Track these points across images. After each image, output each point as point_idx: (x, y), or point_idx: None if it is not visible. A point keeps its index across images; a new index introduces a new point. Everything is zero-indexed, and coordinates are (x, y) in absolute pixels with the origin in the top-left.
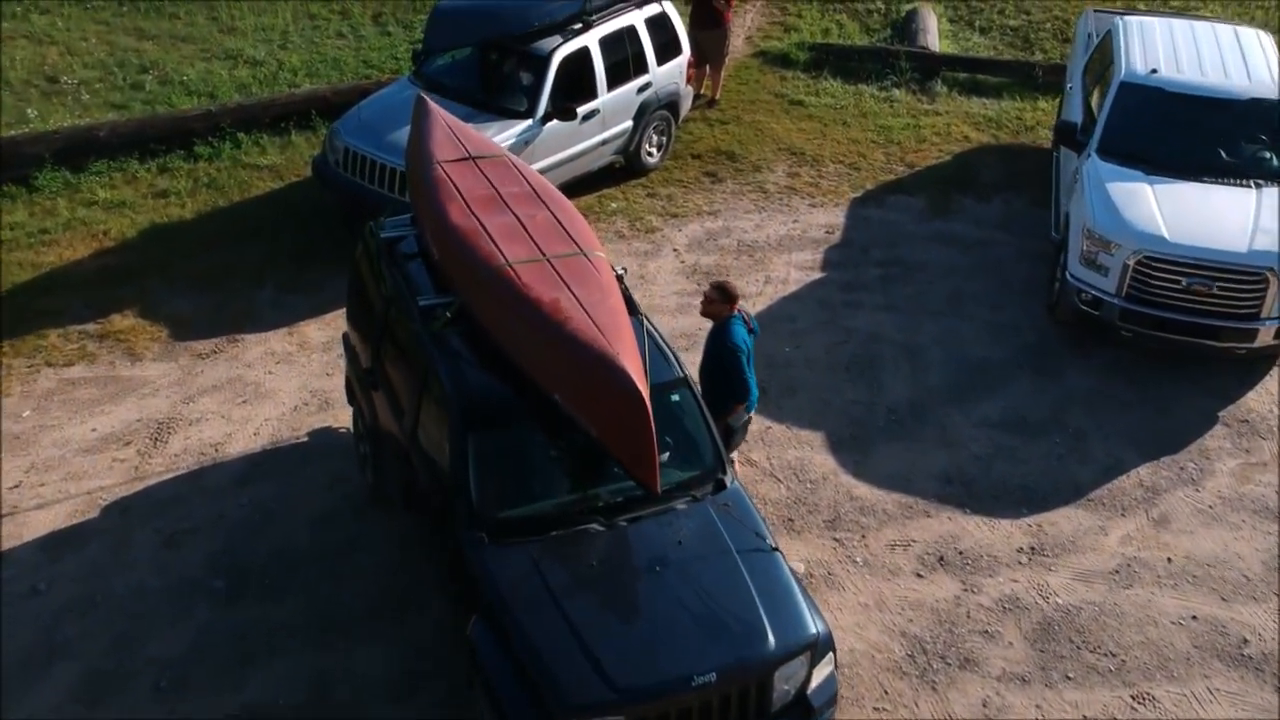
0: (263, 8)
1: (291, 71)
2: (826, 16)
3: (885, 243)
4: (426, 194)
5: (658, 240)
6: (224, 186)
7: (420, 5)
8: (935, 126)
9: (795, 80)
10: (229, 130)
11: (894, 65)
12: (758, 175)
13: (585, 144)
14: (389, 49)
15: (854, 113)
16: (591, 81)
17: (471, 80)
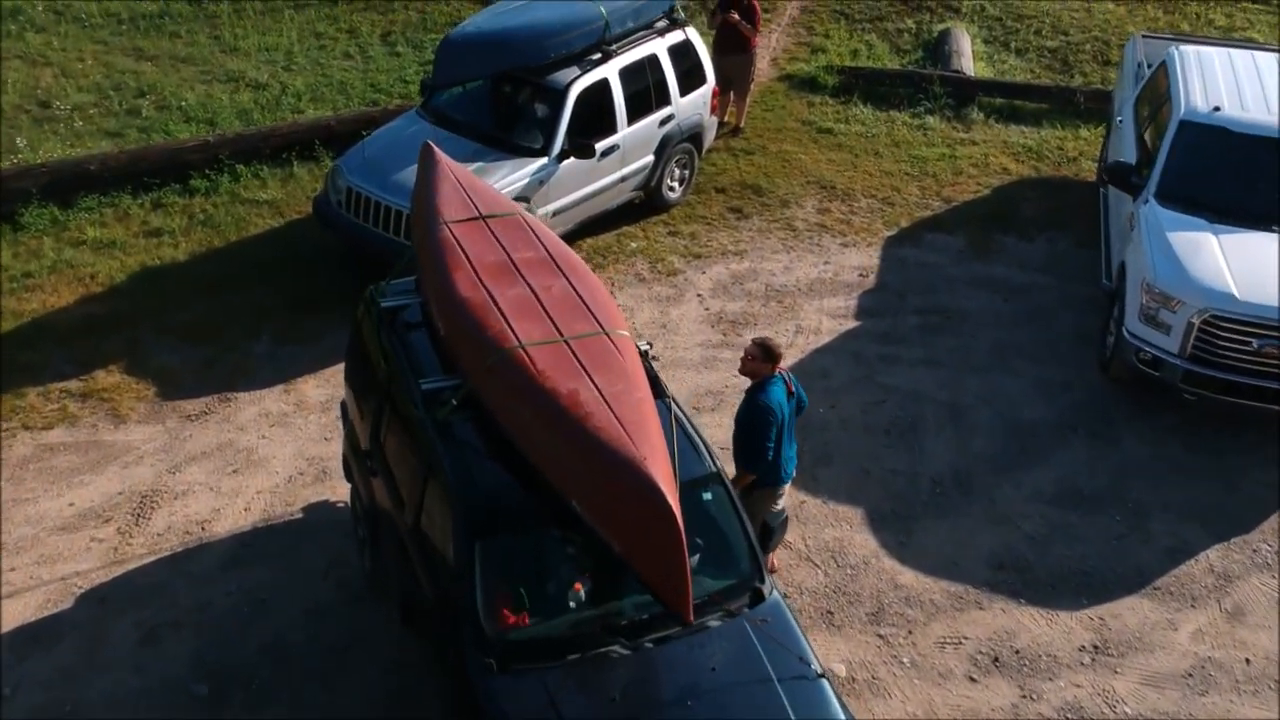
0: (267, 26)
1: (295, 96)
2: (855, 37)
3: (923, 288)
4: (431, 259)
5: (680, 284)
6: (220, 224)
7: (430, 23)
8: (972, 157)
9: (824, 106)
10: (227, 162)
11: (927, 90)
12: (786, 211)
13: (604, 181)
14: (397, 71)
15: (886, 142)
16: (611, 115)
17: (483, 114)
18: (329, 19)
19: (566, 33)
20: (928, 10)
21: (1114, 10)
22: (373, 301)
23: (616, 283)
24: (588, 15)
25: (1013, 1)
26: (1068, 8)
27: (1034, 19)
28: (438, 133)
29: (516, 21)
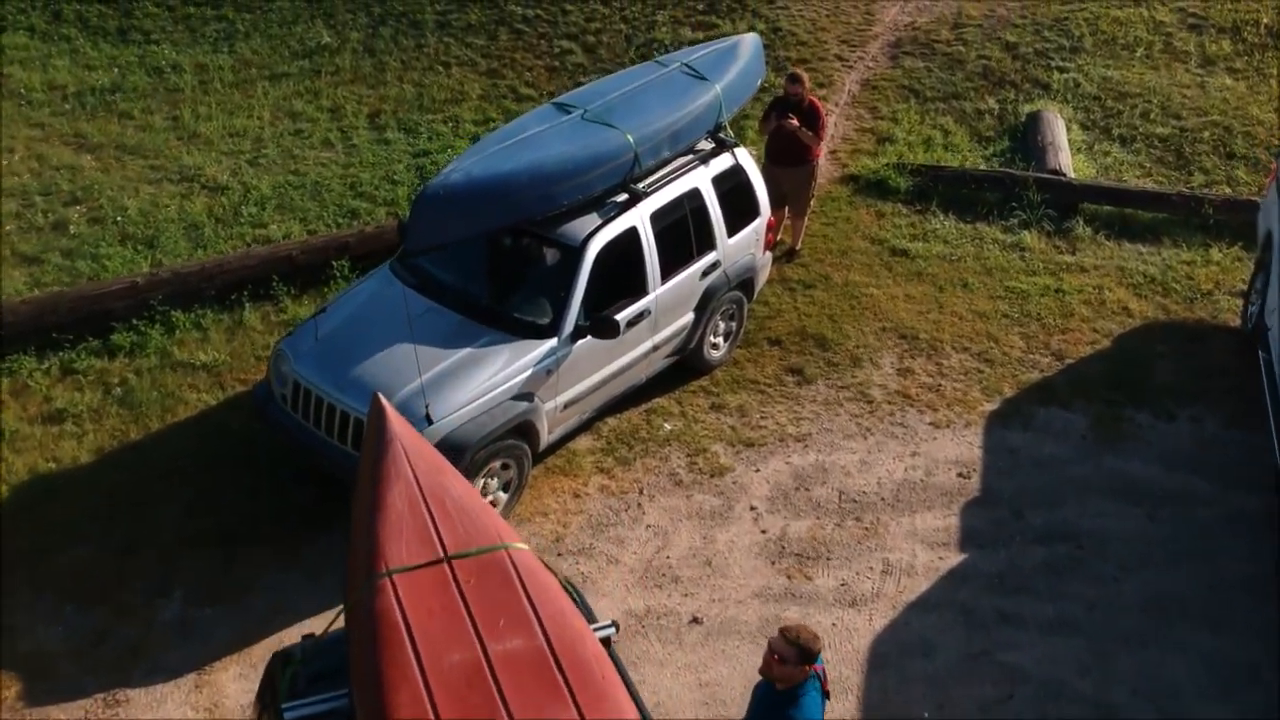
0: (235, 104)
1: (258, 203)
2: (927, 120)
3: (1043, 496)
4: (362, 648)
5: (728, 489)
6: (142, 403)
7: (427, 101)
8: (1083, 291)
9: (896, 217)
10: (160, 309)
11: (1021, 196)
12: (857, 372)
13: (630, 357)
14: (384, 165)
15: (975, 268)
16: (640, 273)
17: (474, 276)
18: (309, 94)
19: (585, 173)
20: (1011, 86)
21: (1232, 87)
22: (273, 704)
23: (646, 490)
24: (612, 147)
25: (1111, 76)
26: (1176, 84)
27: (1138, 98)
28: (414, 302)
29: (517, 162)
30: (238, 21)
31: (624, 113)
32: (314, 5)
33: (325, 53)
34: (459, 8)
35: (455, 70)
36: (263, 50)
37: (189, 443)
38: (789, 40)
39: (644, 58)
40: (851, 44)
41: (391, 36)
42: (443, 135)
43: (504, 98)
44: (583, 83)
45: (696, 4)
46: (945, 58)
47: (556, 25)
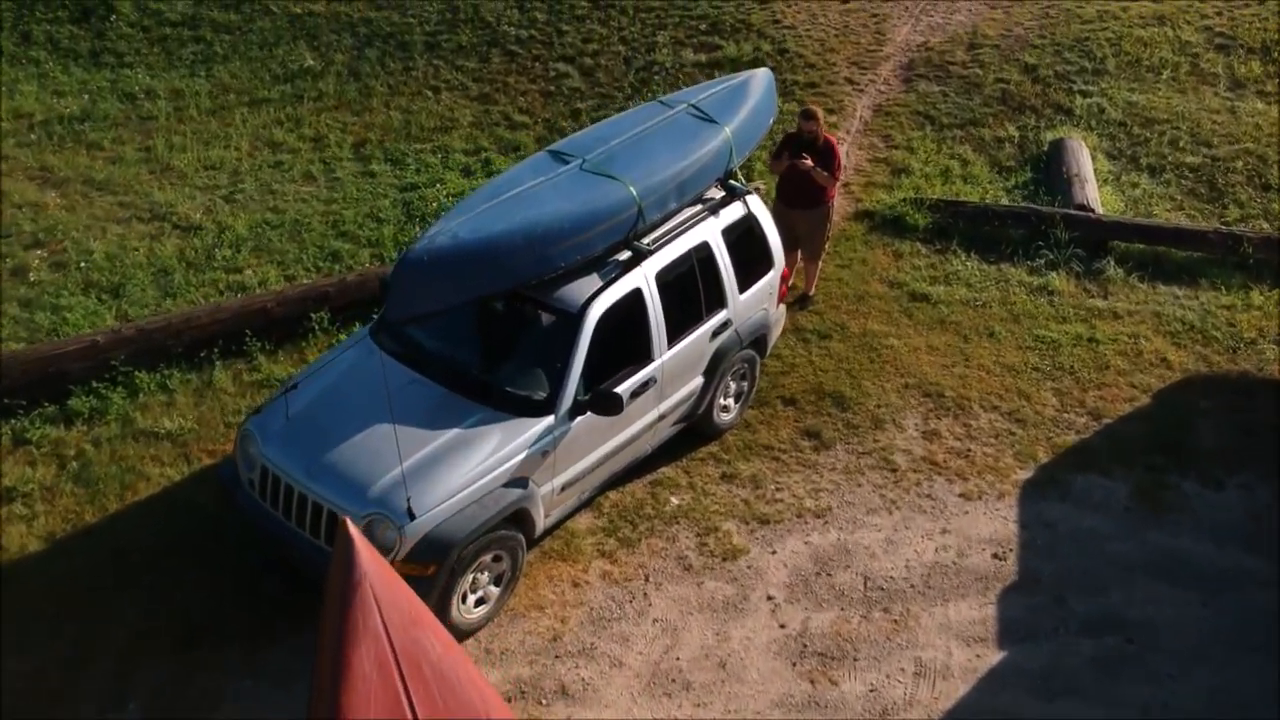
0: (212, 132)
1: (233, 244)
2: (944, 149)
3: (1086, 579)
4: None
5: (742, 574)
6: (100, 480)
7: (415, 129)
8: (1117, 339)
9: (915, 257)
10: (123, 369)
11: (1048, 234)
12: (879, 435)
13: (634, 429)
14: (369, 200)
15: (1001, 314)
16: (645, 338)
17: (462, 345)
18: (290, 122)
19: (584, 232)
20: (1031, 111)
21: (1265, 112)
22: None
23: (653, 577)
24: (613, 201)
25: (1137, 100)
26: (1206, 108)
27: (1166, 124)
28: (396, 373)
29: (509, 221)
30: (216, 43)
31: (626, 162)
32: (296, 26)
33: (308, 77)
34: (449, 28)
35: (445, 95)
36: (242, 74)
37: (150, 525)
38: (796, 63)
39: (643, 82)
40: (862, 66)
41: (378, 59)
42: (431, 167)
43: (496, 125)
44: (580, 109)
45: (698, 24)
46: (961, 81)
47: (551, 47)
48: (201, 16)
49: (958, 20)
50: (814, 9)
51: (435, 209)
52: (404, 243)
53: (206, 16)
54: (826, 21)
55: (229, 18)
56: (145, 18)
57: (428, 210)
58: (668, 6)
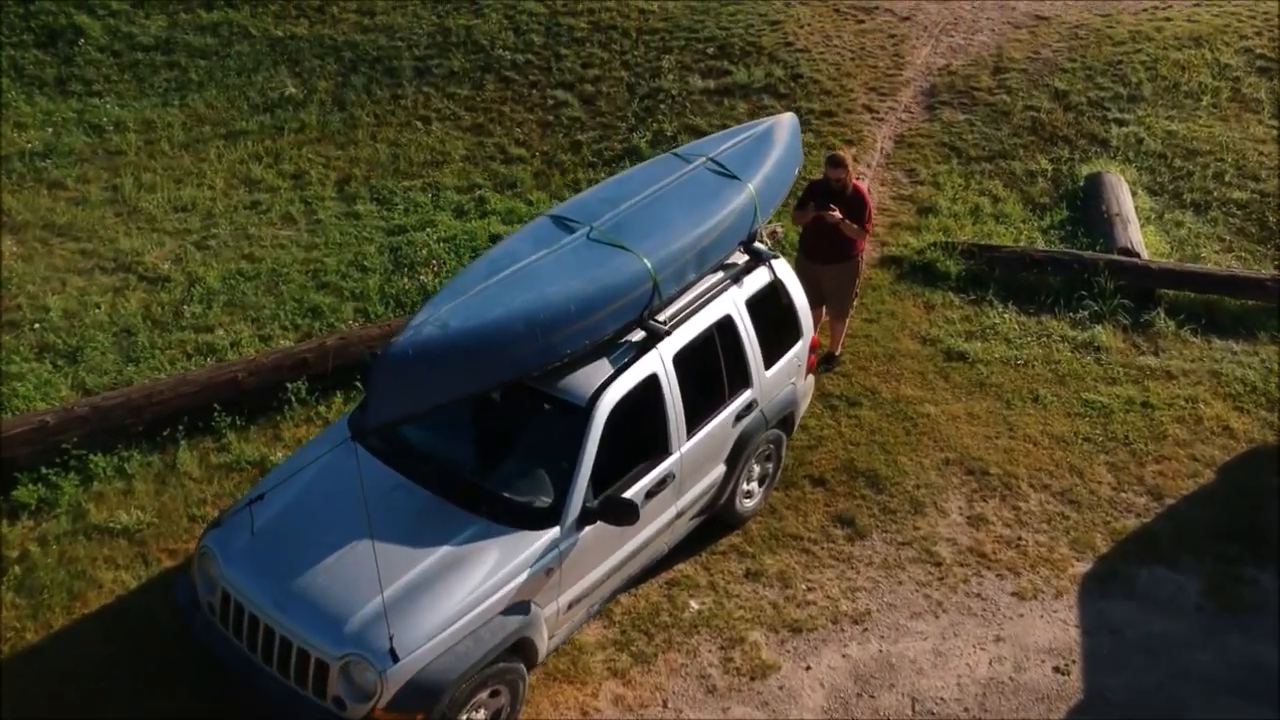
0: (185, 168)
1: (203, 299)
2: (973, 184)
3: (1161, 698)
4: None
5: (773, 697)
6: (46, 588)
7: (404, 164)
8: (1174, 403)
9: (948, 309)
10: (76, 453)
11: (1090, 282)
12: (920, 521)
13: (649, 532)
14: (353, 246)
15: (1045, 374)
16: (662, 430)
17: (454, 443)
18: (269, 156)
19: (593, 313)
20: (1064, 143)
21: None
22: None
23: (672, 702)
24: (626, 276)
25: (1177, 129)
26: (1250, 138)
27: (1209, 155)
28: (377, 475)
29: (508, 305)
30: (191, 70)
31: (639, 229)
32: (277, 50)
33: (289, 106)
34: (440, 52)
35: (436, 126)
36: (218, 103)
37: (99, 642)
38: (811, 89)
39: (648, 111)
40: (881, 92)
41: (364, 86)
42: (421, 207)
43: (491, 159)
44: (580, 141)
45: (705, 48)
46: (988, 109)
47: (549, 72)
48: (176, 40)
49: (980, 41)
50: (827, 29)
51: (425, 255)
52: (390, 295)
53: (181, 40)
54: (841, 43)
55: (205, 41)
56: (116, 41)
57: (416, 257)
58: (672, 29)
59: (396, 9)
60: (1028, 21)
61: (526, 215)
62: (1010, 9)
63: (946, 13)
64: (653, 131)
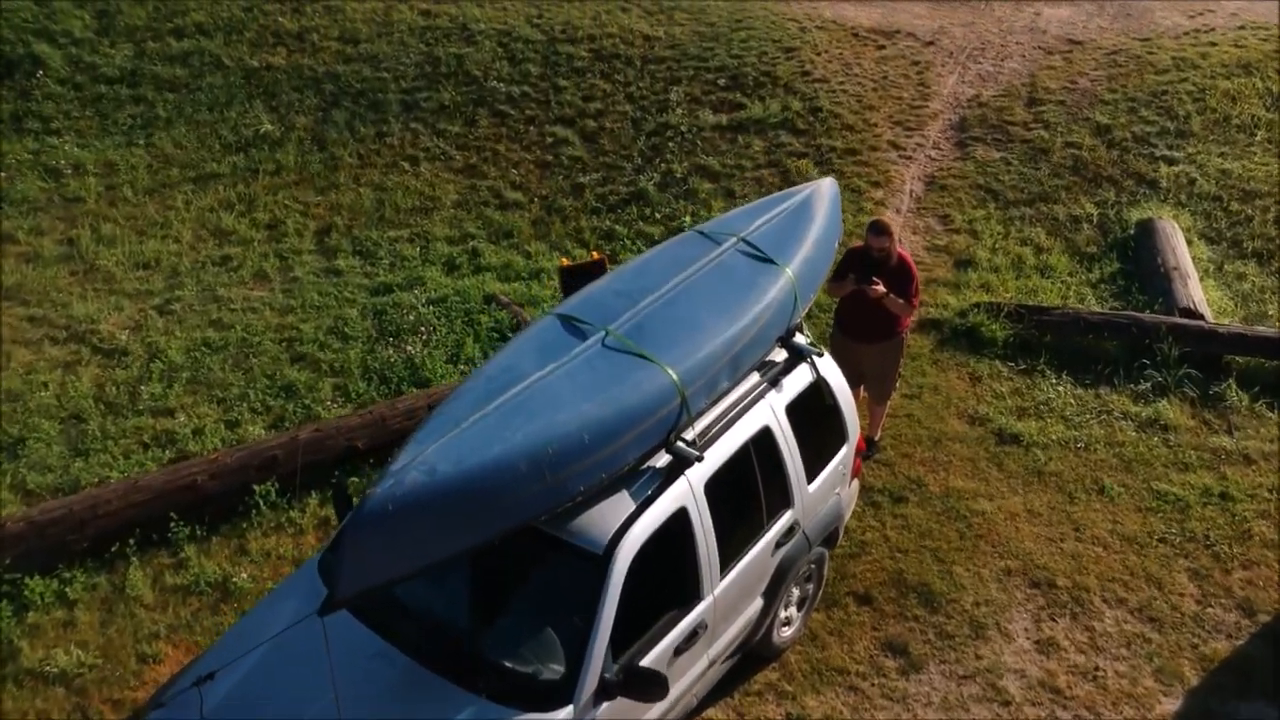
0: (149, 219)
1: (164, 376)
2: (1013, 232)
3: None
4: None
5: None
6: None
7: (389, 212)
8: (1256, 495)
9: (996, 380)
10: (9, 577)
11: (1152, 349)
12: (982, 648)
13: (675, 693)
14: (333, 309)
15: (1109, 460)
16: (692, 573)
17: (445, 601)
18: (242, 203)
19: (611, 442)
20: (1110, 184)
21: None
22: None
23: None
24: (649, 394)
25: (1231, 168)
26: None
27: (1268, 197)
28: (351, 639)
29: (508, 440)
30: (158, 104)
31: (663, 332)
32: (252, 83)
33: (264, 145)
34: (428, 85)
35: (425, 167)
36: (187, 142)
37: None
38: (832, 125)
39: (655, 150)
40: (907, 126)
41: (346, 122)
42: (408, 261)
43: (485, 204)
44: (582, 183)
45: (716, 79)
46: (1025, 146)
47: (548, 106)
48: (142, 72)
49: (1010, 69)
50: (846, 56)
51: (413, 321)
52: (373, 368)
53: (148, 72)
54: (862, 72)
55: (174, 73)
56: (78, 73)
57: (403, 323)
58: (680, 57)
59: (382, 36)
60: (1060, 46)
61: (524, 270)
62: (1040, 33)
63: (972, 37)
64: (661, 173)
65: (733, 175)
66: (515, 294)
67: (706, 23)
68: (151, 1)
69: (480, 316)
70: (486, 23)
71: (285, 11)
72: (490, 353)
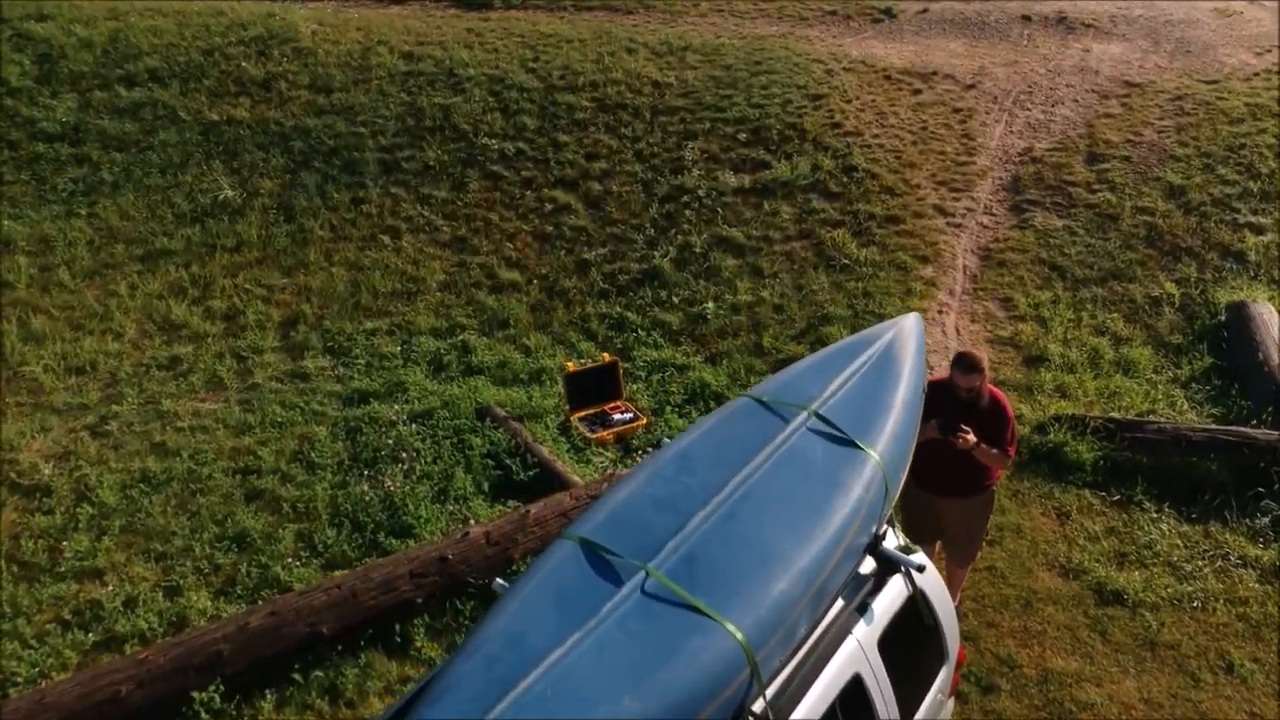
0: (87, 309)
1: (94, 524)
2: (1085, 318)
3: None
4: None
5: None
6: None
7: (367, 296)
8: None
9: (1087, 515)
10: None
11: (1268, 471)
12: None
13: None
14: (299, 425)
15: (1232, 624)
16: None
17: None
18: (195, 288)
19: None
20: (1190, 257)
21: None
22: None
23: None
24: (710, 668)
25: None
26: None
27: None
28: None
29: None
30: (104, 166)
31: (721, 565)
32: (211, 140)
33: (224, 215)
34: (411, 141)
35: (407, 240)
36: (136, 211)
37: None
38: (869, 186)
39: (669, 218)
40: (954, 187)
41: (317, 186)
42: (388, 361)
43: (476, 286)
44: (588, 260)
45: (736, 132)
46: (1089, 211)
47: (547, 166)
48: (87, 127)
49: (1063, 116)
50: (879, 103)
51: (392, 444)
52: (345, 511)
53: (93, 127)
54: (899, 122)
55: (123, 128)
56: (14, 129)
57: (381, 445)
58: (694, 107)
59: (358, 83)
60: (1116, 90)
61: (523, 370)
62: (1091, 73)
63: (1017, 78)
64: (677, 246)
65: (759, 249)
66: (513, 403)
67: (722, 65)
68: (100, 44)
69: (472, 438)
70: (476, 67)
71: (250, 55)
72: (482, 484)
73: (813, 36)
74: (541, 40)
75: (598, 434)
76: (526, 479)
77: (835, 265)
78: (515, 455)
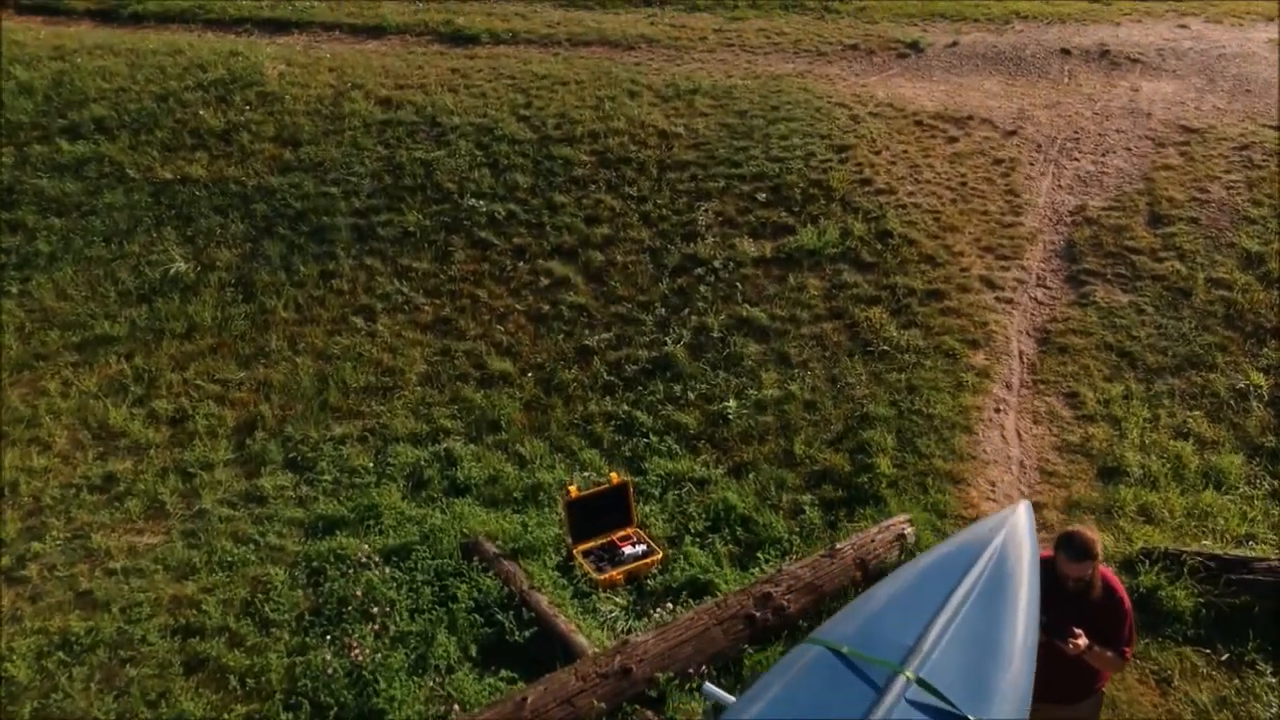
0: (10, 414)
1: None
2: (1163, 417)
3: None
4: None
5: None
6: None
7: (335, 398)
8: None
9: (1192, 681)
10: None
11: None
12: None
13: None
14: (252, 568)
15: None
16: None
17: None
18: (137, 385)
19: None
20: (1277, 340)
21: None
22: None
23: None
24: None
25: None
26: None
27: None
28: None
29: None
30: (40, 234)
31: None
32: (162, 202)
33: (174, 292)
34: (389, 203)
35: (383, 323)
36: (75, 289)
37: None
38: (906, 255)
39: (682, 294)
40: (1000, 254)
41: (282, 257)
42: (360, 476)
43: (462, 379)
44: (590, 346)
45: (754, 190)
46: (1157, 284)
47: (542, 232)
48: (22, 187)
49: (1116, 167)
50: (912, 154)
51: (362, 594)
52: (303, 689)
53: (30, 187)
54: (934, 176)
55: (63, 188)
56: None
57: (348, 595)
58: (706, 161)
59: (329, 135)
60: (1173, 136)
61: (516, 487)
62: (1143, 116)
63: (1061, 123)
64: (691, 329)
65: (785, 332)
66: (506, 534)
67: (735, 111)
68: (41, 89)
69: (457, 585)
70: (461, 115)
71: (209, 101)
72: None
73: (833, 75)
74: (534, 83)
75: (606, 574)
76: (522, 640)
77: (873, 352)
78: (509, 608)
